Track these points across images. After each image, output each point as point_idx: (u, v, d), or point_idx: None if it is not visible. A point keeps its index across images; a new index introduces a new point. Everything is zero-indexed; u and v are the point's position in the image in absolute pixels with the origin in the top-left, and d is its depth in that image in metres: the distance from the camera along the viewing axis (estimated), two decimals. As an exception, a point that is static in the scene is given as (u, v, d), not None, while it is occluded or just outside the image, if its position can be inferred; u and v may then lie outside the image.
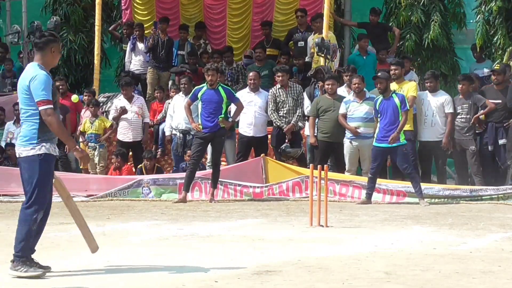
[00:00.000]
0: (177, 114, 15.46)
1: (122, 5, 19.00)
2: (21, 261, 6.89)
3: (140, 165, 15.46)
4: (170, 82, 17.37)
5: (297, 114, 14.95)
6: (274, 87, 15.16)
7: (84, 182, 14.81)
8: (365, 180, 13.40)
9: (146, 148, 16.00)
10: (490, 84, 15.00)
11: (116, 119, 15.84)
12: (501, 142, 14.27)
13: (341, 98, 14.40)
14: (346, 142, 14.20)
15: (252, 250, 8.33)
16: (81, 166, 6.68)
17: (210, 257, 7.92)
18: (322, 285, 6.51)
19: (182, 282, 6.60)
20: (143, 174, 15.03)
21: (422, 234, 9.62)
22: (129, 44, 17.91)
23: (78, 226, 7.41)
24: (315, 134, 14.51)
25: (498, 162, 14.40)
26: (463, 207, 12.61)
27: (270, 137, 15.23)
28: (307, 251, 8.18)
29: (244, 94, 14.95)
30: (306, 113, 14.97)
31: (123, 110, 15.78)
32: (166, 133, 15.89)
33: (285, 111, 14.95)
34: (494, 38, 16.72)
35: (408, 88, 14.35)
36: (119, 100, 16.16)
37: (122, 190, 14.26)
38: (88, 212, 12.04)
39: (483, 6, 16.89)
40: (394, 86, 13.97)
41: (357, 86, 14.11)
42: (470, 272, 7.03)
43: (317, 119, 14.52)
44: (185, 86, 15.54)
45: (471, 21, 17.41)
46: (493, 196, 13.13)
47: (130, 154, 15.97)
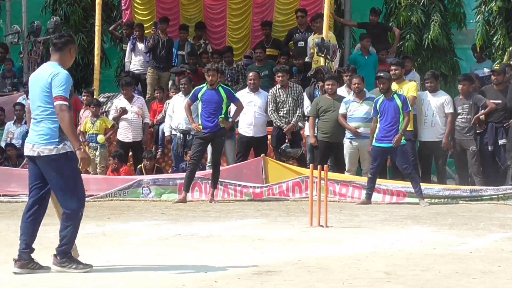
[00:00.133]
0: (177, 114, 15.45)
1: (122, 5, 18.99)
2: (67, 257, 7.09)
3: (140, 165, 15.45)
4: (170, 82, 17.37)
5: (297, 114, 14.94)
6: (274, 87, 15.15)
7: (84, 182, 14.72)
8: (365, 180, 13.39)
9: (146, 148, 15.99)
10: (490, 84, 15.00)
11: (116, 119, 15.82)
12: (501, 142, 14.26)
13: (341, 98, 14.40)
14: (346, 142, 14.20)
15: (252, 250, 8.33)
16: (80, 167, 6.70)
17: (210, 257, 7.92)
18: (322, 285, 6.51)
19: (182, 282, 6.60)
20: (143, 174, 15.03)
21: (422, 234, 9.62)
22: (129, 44, 17.90)
23: None
24: (315, 134, 14.51)
25: (498, 162, 14.40)
26: (463, 207, 12.60)
27: (270, 137, 15.22)
28: (307, 251, 8.18)
29: (244, 94, 14.95)
30: (306, 113, 14.96)
31: (123, 110, 15.76)
32: (166, 133, 15.88)
33: (285, 111, 14.95)
34: (494, 38, 16.72)
35: (408, 88, 14.35)
36: (119, 100, 16.14)
37: (122, 190, 14.26)
38: (88, 212, 12.00)
39: (483, 6, 16.90)
40: (394, 86, 13.95)
41: (357, 86, 14.11)
42: (470, 272, 7.02)
43: (317, 119, 14.52)
44: (184, 86, 15.53)
45: (471, 21, 17.40)
46: (493, 196, 13.12)
47: (130, 154, 15.97)
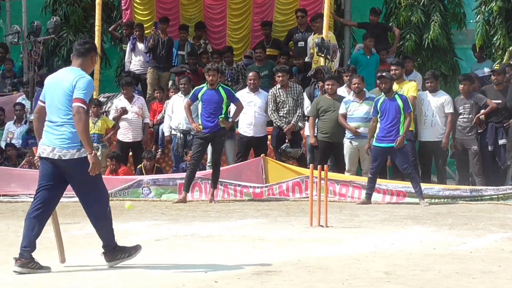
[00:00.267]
0: (177, 114, 15.44)
1: (122, 5, 19.00)
2: (116, 250, 7.32)
3: (140, 165, 15.44)
4: (170, 82, 17.36)
5: (297, 114, 14.94)
6: (274, 87, 15.15)
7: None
8: (365, 180, 13.39)
9: (146, 148, 15.98)
10: (490, 84, 14.99)
11: (116, 119, 15.81)
12: (501, 142, 14.26)
13: (341, 98, 14.40)
14: (346, 142, 14.20)
15: (252, 250, 8.33)
16: (90, 172, 6.77)
17: (210, 257, 7.92)
18: (322, 285, 6.51)
19: (182, 282, 6.60)
20: (143, 175, 15.02)
21: (422, 234, 9.62)
22: (129, 44, 17.90)
23: (54, 233, 7.51)
24: (315, 134, 14.51)
25: (498, 162, 14.40)
26: (463, 207, 12.60)
27: (270, 137, 15.22)
28: (307, 251, 8.18)
29: (243, 94, 14.94)
30: (306, 113, 14.97)
31: (124, 110, 15.75)
32: (165, 133, 15.87)
33: (285, 111, 14.94)
34: (494, 38, 16.71)
35: (408, 88, 14.36)
36: (120, 100, 16.13)
37: (122, 190, 14.26)
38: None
39: (483, 6, 16.89)
40: (394, 86, 13.94)
41: (357, 86, 14.11)
42: (470, 272, 7.02)
43: (317, 119, 14.52)
44: (184, 86, 15.53)
45: (471, 21, 17.40)
46: (493, 196, 13.12)
47: (130, 154, 15.97)
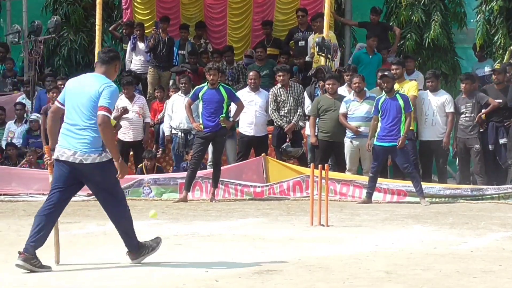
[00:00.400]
0: (178, 114, 15.43)
1: (123, 4, 18.99)
2: (140, 246, 7.45)
3: (140, 164, 15.44)
4: (171, 82, 17.35)
5: (297, 113, 14.94)
6: (275, 87, 15.15)
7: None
8: (365, 179, 13.39)
9: (146, 148, 15.97)
10: (490, 83, 14.98)
11: (117, 119, 15.80)
12: (501, 141, 14.25)
13: (341, 98, 14.39)
14: (347, 141, 14.20)
15: (252, 250, 8.32)
16: (119, 177, 6.93)
17: (211, 256, 7.92)
18: (322, 284, 6.50)
19: (182, 281, 6.59)
20: (144, 174, 15.02)
21: (422, 233, 9.62)
22: (129, 43, 17.89)
23: (54, 231, 7.49)
24: (316, 134, 14.50)
25: (499, 161, 14.39)
26: (464, 207, 12.60)
27: (271, 136, 15.23)
28: (308, 251, 8.18)
29: (244, 94, 14.94)
30: (306, 112, 14.96)
31: (125, 110, 15.72)
32: (166, 133, 15.86)
33: (286, 111, 14.95)
34: (495, 38, 16.70)
35: (408, 87, 14.36)
36: (120, 99, 16.08)
37: (123, 189, 14.22)
38: (88, 211, 12.04)
39: (484, 6, 16.87)
40: (395, 85, 13.96)
41: (357, 85, 14.11)
42: (471, 271, 7.02)
43: (317, 119, 14.52)
44: (185, 85, 15.53)
45: (472, 20, 17.38)
46: (493, 195, 13.12)
47: (131, 153, 15.95)
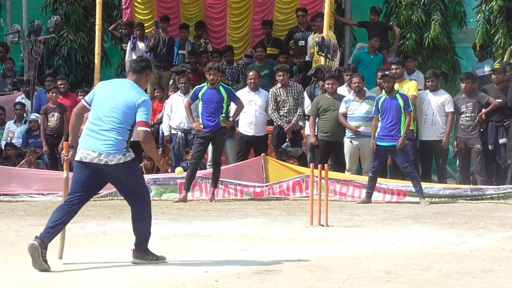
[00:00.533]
0: (177, 114, 15.42)
1: (123, 4, 18.99)
2: (147, 250, 7.51)
3: (140, 164, 15.41)
4: (171, 82, 17.34)
5: (297, 113, 14.94)
6: (275, 87, 15.16)
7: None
8: (365, 179, 13.39)
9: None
10: (490, 83, 14.98)
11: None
12: (501, 141, 14.25)
13: (341, 98, 14.39)
14: (346, 141, 14.19)
15: (252, 250, 8.32)
16: (162, 171, 7.16)
17: (211, 256, 7.92)
18: (322, 284, 6.50)
19: (182, 281, 6.59)
20: (143, 174, 15.00)
21: (422, 233, 9.62)
22: (129, 43, 17.88)
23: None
24: (316, 134, 14.50)
25: (498, 161, 14.39)
26: (464, 207, 12.60)
27: (270, 136, 15.23)
28: (308, 251, 8.18)
29: (244, 94, 14.94)
30: (306, 112, 14.96)
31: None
32: (165, 133, 15.84)
33: (285, 111, 14.95)
34: (495, 37, 16.70)
35: (408, 87, 14.36)
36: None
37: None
38: (88, 211, 12.02)
39: (484, 5, 16.87)
40: (394, 85, 13.96)
41: (357, 85, 14.11)
42: (471, 271, 7.02)
43: (317, 119, 14.52)
44: (185, 85, 15.53)
45: (472, 20, 17.38)
46: (493, 195, 13.12)
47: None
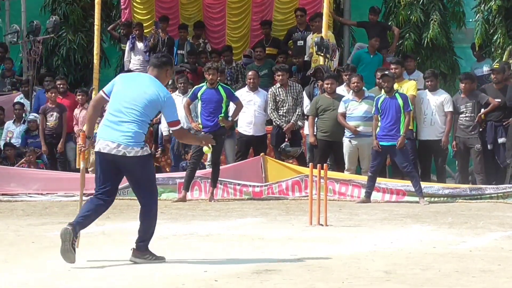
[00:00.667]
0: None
1: (121, 4, 18.98)
2: (147, 250, 7.45)
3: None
4: (170, 81, 17.31)
5: (296, 113, 14.94)
6: (274, 86, 15.16)
7: (84, 182, 14.74)
8: (364, 179, 13.40)
9: (145, 147, 15.92)
10: (489, 83, 14.98)
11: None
12: (500, 141, 14.25)
13: (340, 97, 14.39)
14: (346, 141, 14.20)
15: (251, 249, 8.32)
16: (210, 147, 7.13)
17: (210, 256, 7.92)
18: (322, 284, 6.50)
19: (182, 281, 6.59)
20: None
21: (421, 233, 9.62)
22: (128, 43, 17.88)
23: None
24: (315, 133, 14.51)
25: (497, 161, 14.39)
26: (463, 206, 12.60)
27: (269, 136, 15.23)
28: (307, 250, 8.18)
29: (243, 93, 14.94)
30: (305, 112, 14.96)
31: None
32: (164, 133, 15.83)
33: (284, 110, 14.95)
34: (494, 37, 16.70)
35: (407, 87, 14.36)
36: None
37: (122, 189, 14.13)
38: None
39: (483, 5, 16.86)
40: (394, 85, 13.96)
41: (356, 85, 14.11)
42: (470, 271, 7.02)
43: (316, 118, 14.52)
44: (183, 85, 15.52)
45: (471, 20, 17.38)
46: (492, 195, 13.13)
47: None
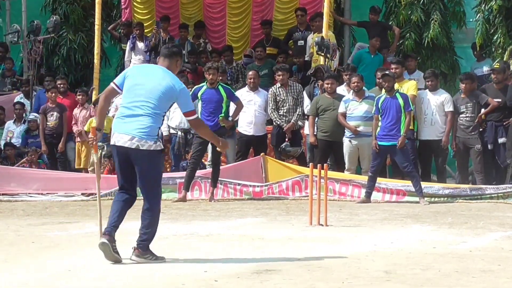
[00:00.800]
0: (177, 113, 15.39)
1: (122, 4, 18.99)
2: (148, 249, 7.40)
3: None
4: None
5: (297, 113, 14.94)
6: (274, 86, 15.16)
7: (83, 182, 14.80)
8: (364, 179, 13.40)
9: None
10: (490, 83, 14.98)
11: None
12: (500, 141, 14.24)
13: (340, 97, 14.40)
14: (346, 141, 14.20)
15: (251, 249, 8.32)
16: (223, 152, 7.16)
17: (210, 256, 7.92)
18: (322, 284, 6.50)
19: (182, 281, 6.59)
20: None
21: (421, 233, 9.62)
22: (128, 43, 17.89)
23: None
24: (315, 133, 14.51)
25: (498, 161, 14.38)
26: (463, 206, 12.60)
27: (270, 136, 15.23)
28: (307, 250, 8.17)
29: (243, 93, 14.94)
30: (305, 112, 14.97)
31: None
32: (164, 133, 15.83)
33: (285, 110, 14.95)
34: (494, 37, 16.70)
35: (408, 87, 14.36)
36: (120, 99, 16.04)
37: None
38: (88, 211, 12.06)
39: (483, 5, 16.86)
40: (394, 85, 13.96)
41: (356, 85, 14.11)
42: (470, 271, 7.02)
43: (316, 118, 14.52)
44: (183, 85, 15.52)
45: (471, 20, 17.38)
46: (493, 195, 13.12)
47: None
